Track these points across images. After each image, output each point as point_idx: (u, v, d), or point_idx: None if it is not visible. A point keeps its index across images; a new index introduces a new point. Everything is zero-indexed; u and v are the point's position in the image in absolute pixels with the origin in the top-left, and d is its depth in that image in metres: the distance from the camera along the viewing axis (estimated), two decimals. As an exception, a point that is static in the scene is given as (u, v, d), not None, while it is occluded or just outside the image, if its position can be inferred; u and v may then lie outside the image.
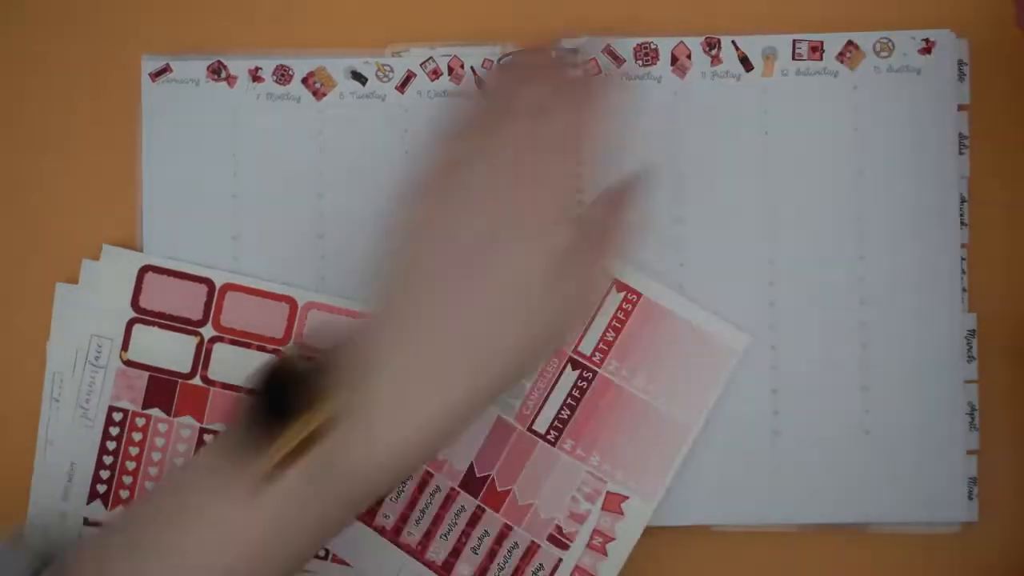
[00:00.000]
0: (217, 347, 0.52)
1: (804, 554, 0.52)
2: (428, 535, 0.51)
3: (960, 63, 0.53)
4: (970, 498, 0.51)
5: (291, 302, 0.52)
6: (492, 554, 0.50)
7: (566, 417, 0.51)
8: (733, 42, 0.53)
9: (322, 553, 0.51)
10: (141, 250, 0.53)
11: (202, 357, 0.52)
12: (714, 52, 0.53)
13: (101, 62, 0.54)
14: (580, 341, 0.51)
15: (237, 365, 0.52)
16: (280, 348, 0.52)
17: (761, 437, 0.52)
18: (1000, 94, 0.53)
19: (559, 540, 0.50)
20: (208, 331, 0.52)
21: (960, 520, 0.51)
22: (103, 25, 0.54)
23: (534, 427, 0.51)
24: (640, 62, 0.53)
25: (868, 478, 0.51)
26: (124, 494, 0.52)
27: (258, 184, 0.54)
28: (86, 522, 0.52)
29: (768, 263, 0.52)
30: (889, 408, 0.52)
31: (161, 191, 0.53)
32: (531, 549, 0.50)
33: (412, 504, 0.51)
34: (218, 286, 0.53)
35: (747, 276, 0.52)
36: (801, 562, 0.52)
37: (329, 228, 0.53)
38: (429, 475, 0.51)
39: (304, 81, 0.54)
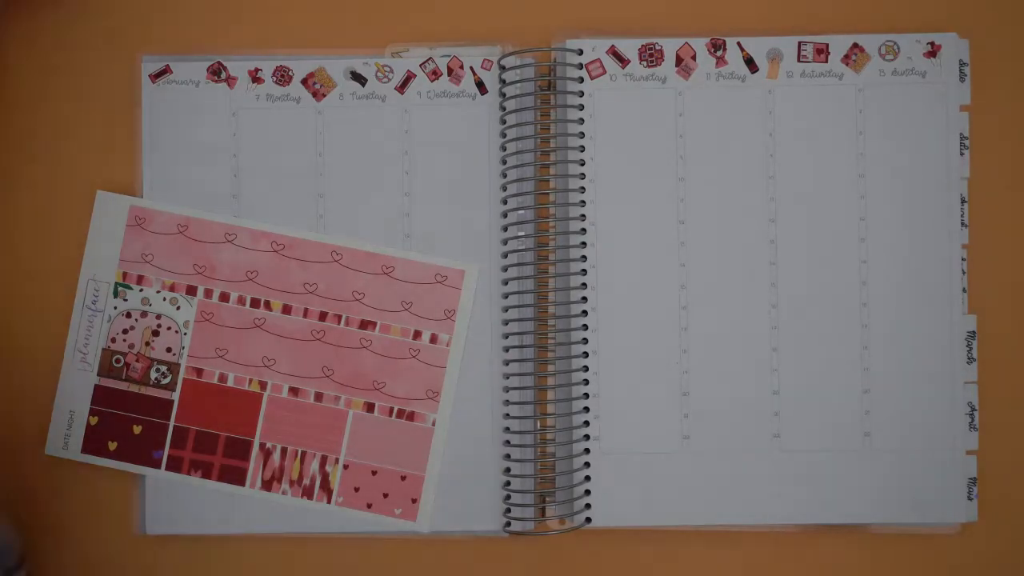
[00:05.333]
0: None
1: (804, 554, 0.53)
2: None
3: (961, 64, 0.53)
4: (970, 498, 0.52)
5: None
6: None
7: None
8: (739, 43, 0.53)
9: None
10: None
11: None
12: (719, 53, 0.53)
13: (101, 62, 0.53)
14: None
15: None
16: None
17: (762, 439, 0.52)
18: (1000, 95, 0.53)
19: None
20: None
21: (959, 520, 0.52)
22: (103, 25, 0.54)
23: None
24: (645, 63, 0.53)
25: (868, 479, 0.52)
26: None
27: (258, 185, 0.53)
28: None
29: (770, 264, 0.52)
30: (889, 409, 0.52)
31: (161, 192, 0.53)
32: None
33: None
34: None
35: (749, 277, 0.52)
36: (801, 562, 0.53)
37: (329, 228, 0.53)
38: None
39: (304, 82, 0.53)
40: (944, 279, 0.52)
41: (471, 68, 0.53)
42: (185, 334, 0.53)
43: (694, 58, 0.53)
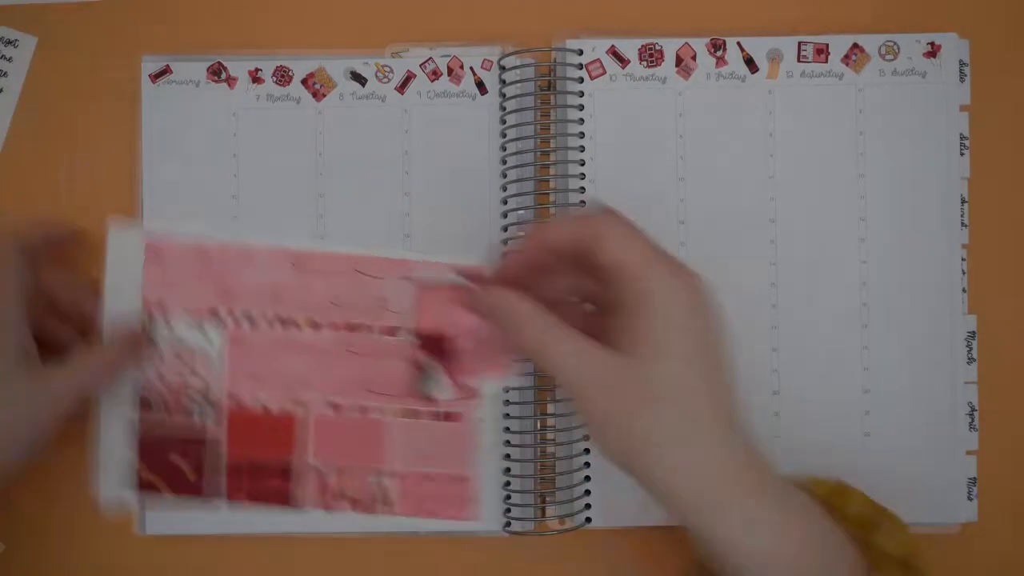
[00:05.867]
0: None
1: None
2: None
3: (961, 64, 0.53)
4: (969, 498, 0.52)
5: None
6: None
7: None
8: (738, 43, 0.53)
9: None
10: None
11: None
12: (719, 53, 0.53)
13: (101, 62, 0.53)
14: None
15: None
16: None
17: (761, 439, 0.52)
18: (1000, 95, 0.53)
19: None
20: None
21: (959, 520, 0.52)
22: (103, 25, 0.54)
23: None
24: (645, 63, 0.53)
25: (868, 479, 0.51)
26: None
27: (258, 185, 0.53)
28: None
29: (770, 264, 0.52)
30: (889, 410, 0.52)
31: (161, 192, 0.53)
32: None
33: None
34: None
35: (749, 278, 0.52)
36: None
37: (329, 228, 0.53)
38: None
39: (304, 82, 0.53)
40: (944, 279, 0.52)
41: (471, 68, 0.53)
42: (217, 363, 0.52)
43: (694, 58, 0.53)
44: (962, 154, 0.53)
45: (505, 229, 0.52)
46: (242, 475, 0.52)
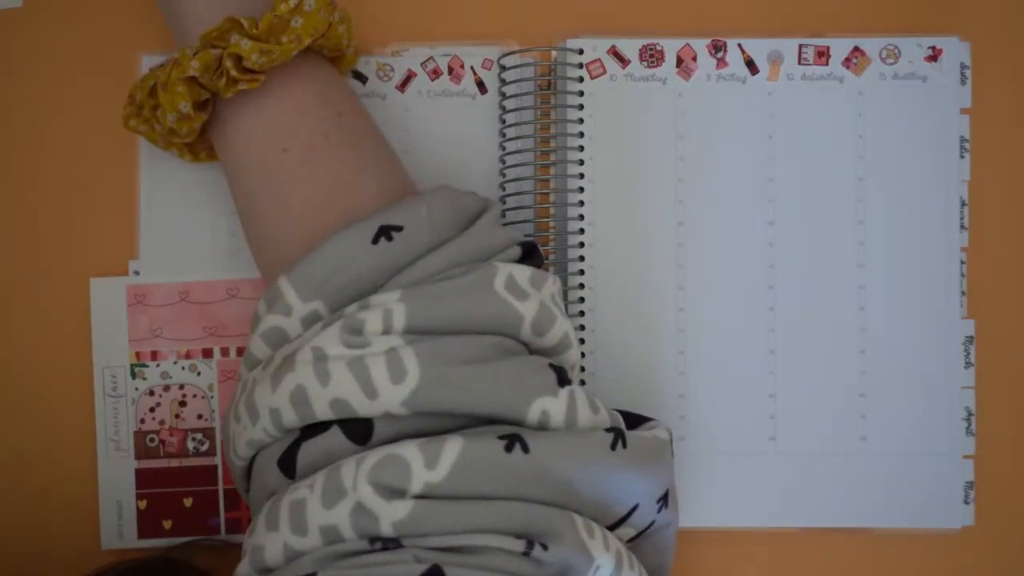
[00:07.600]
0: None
1: (804, 554, 0.53)
2: None
3: (962, 66, 0.52)
4: (966, 503, 0.52)
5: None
6: None
7: None
8: (739, 45, 0.53)
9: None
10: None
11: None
12: (720, 55, 0.53)
13: (101, 62, 0.53)
14: None
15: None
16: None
17: (758, 441, 0.52)
18: (1002, 97, 0.53)
19: None
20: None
21: (956, 525, 0.52)
22: (103, 25, 0.53)
23: None
24: (645, 63, 0.53)
25: (864, 483, 0.52)
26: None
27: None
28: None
29: (768, 267, 0.52)
30: (887, 413, 0.52)
31: (160, 192, 0.53)
32: None
33: None
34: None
35: (747, 279, 0.52)
36: (801, 562, 0.53)
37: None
38: None
39: (304, 80, 0.53)
40: (943, 283, 0.52)
41: (471, 68, 0.53)
42: (212, 397, 0.52)
43: (695, 59, 0.53)
44: (962, 157, 0.52)
45: (504, 227, 0.52)
46: (240, 501, 0.52)
